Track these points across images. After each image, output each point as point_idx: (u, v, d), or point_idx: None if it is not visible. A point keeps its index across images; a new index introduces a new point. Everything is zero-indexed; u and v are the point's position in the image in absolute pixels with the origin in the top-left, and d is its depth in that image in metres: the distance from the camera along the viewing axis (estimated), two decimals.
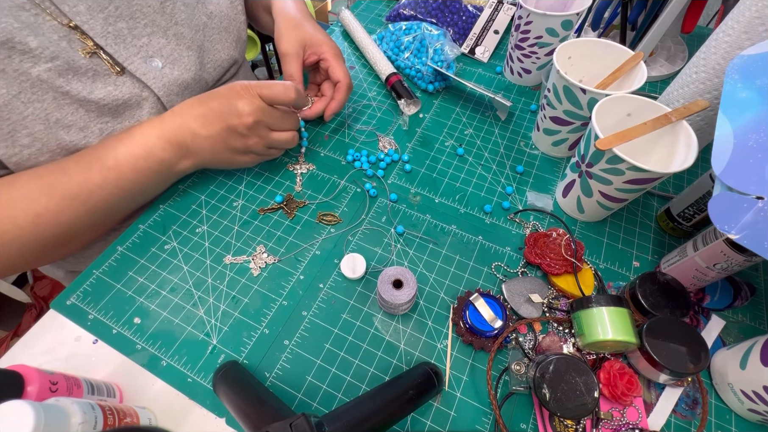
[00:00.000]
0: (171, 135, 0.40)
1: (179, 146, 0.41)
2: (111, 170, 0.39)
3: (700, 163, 0.53)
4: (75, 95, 0.38)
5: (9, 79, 0.35)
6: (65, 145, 0.39)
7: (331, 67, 0.51)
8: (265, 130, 0.44)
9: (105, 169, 0.38)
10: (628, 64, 0.46)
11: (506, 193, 0.50)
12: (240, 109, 0.41)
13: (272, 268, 0.44)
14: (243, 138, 0.43)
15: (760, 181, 0.28)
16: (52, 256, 0.41)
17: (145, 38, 0.43)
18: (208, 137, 0.41)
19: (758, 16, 0.38)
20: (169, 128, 0.40)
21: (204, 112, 0.41)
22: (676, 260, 0.41)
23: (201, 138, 0.41)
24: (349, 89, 0.52)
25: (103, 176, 0.38)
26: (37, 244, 0.37)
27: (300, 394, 0.37)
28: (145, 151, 0.40)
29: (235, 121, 0.41)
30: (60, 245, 0.40)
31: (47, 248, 0.39)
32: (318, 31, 0.53)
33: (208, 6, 0.50)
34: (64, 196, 0.37)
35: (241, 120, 0.41)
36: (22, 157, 0.38)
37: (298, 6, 0.55)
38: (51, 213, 0.37)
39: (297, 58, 0.50)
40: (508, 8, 0.70)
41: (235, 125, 0.41)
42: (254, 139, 0.43)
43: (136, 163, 0.40)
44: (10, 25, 0.34)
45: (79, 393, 0.32)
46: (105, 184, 0.39)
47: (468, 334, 0.39)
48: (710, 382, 0.38)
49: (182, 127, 0.41)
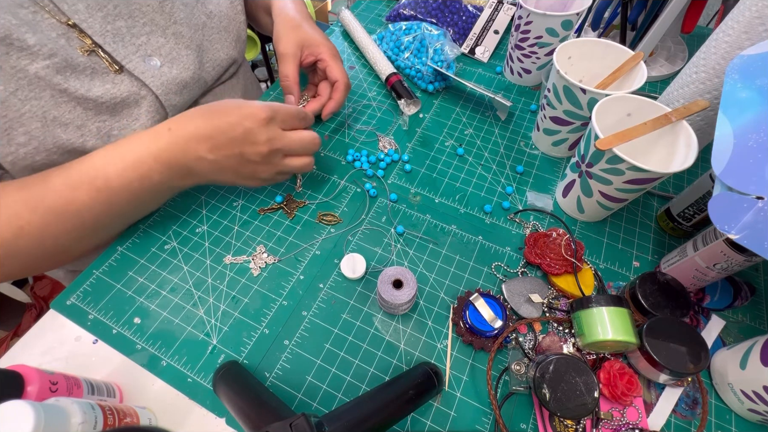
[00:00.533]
0: (171, 158, 0.38)
1: (179, 168, 0.38)
2: (101, 191, 0.37)
3: (700, 163, 0.53)
4: (73, 93, 0.38)
5: (6, 76, 0.35)
6: (62, 144, 0.39)
7: (328, 67, 0.51)
8: (279, 157, 0.42)
9: (94, 190, 0.36)
10: (628, 64, 0.46)
11: (506, 193, 0.50)
12: (255, 136, 0.38)
13: (272, 268, 0.44)
14: (254, 165, 0.40)
15: (760, 181, 0.28)
16: (40, 267, 0.40)
17: (144, 37, 0.43)
18: (214, 162, 0.39)
19: (758, 16, 0.38)
20: (168, 150, 0.37)
21: (211, 133, 0.38)
22: (676, 260, 0.40)
23: (206, 162, 0.39)
24: (346, 88, 0.52)
25: (91, 197, 0.36)
26: (19, 257, 0.36)
27: (300, 394, 0.37)
28: (140, 174, 0.37)
29: (249, 148, 0.39)
30: (45, 258, 0.38)
31: (30, 262, 0.37)
32: (316, 32, 0.53)
33: (207, 5, 0.50)
34: (48, 211, 0.35)
35: (255, 148, 0.39)
36: (18, 156, 0.37)
37: (297, 7, 0.55)
38: (35, 227, 0.35)
39: (294, 59, 0.50)
40: (508, 8, 0.70)
41: (248, 153, 0.39)
42: (266, 167, 0.41)
43: (129, 185, 0.37)
44: (8, 22, 0.34)
45: (79, 393, 0.32)
46: (94, 204, 0.37)
47: (468, 334, 0.39)
48: (710, 382, 0.38)
49: (185, 150, 0.38)
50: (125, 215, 0.41)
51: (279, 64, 0.51)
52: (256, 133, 0.39)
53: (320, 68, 0.53)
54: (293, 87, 0.49)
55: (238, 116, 0.38)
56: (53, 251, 0.38)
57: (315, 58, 0.52)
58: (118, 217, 0.41)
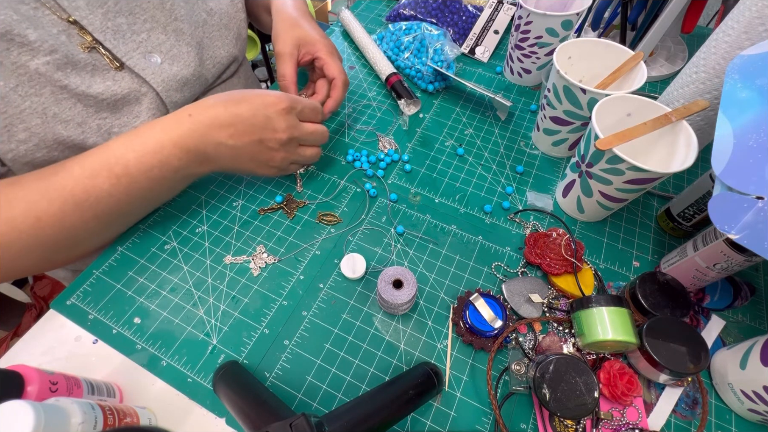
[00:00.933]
0: (190, 143, 0.38)
1: (198, 154, 0.39)
2: (120, 178, 0.37)
3: (700, 163, 0.53)
4: (73, 89, 0.38)
5: (6, 72, 0.35)
6: (62, 140, 0.39)
7: (326, 65, 0.51)
8: (295, 146, 0.43)
9: (114, 177, 0.37)
10: (628, 64, 0.46)
11: (506, 193, 0.50)
12: (275, 123, 0.40)
13: (272, 268, 0.44)
14: (271, 152, 0.42)
15: (760, 181, 0.28)
16: (55, 261, 0.39)
17: (145, 34, 0.43)
18: (234, 147, 0.40)
19: (758, 16, 0.38)
20: (189, 136, 0.38)
21: (232, 120, 0.39)
22: (676, 260, 0.40)
23: (226, 147, 0.39)
24: (345, 86, 0.51)
25: (111, 183, 0.37)
26: (38, 248, 0.36)
27: (300, 394, 0.37)
28: (160, 160, 0.38)
29: (269, 135, 0.40)
30: (63, 250, 0.38)
31: (49, 252, 0.37)
32: (313, 30, 0.52)
33: (208, 2, 0.50)
34: (67, 200, 0.36)
35: (275, 135, 0.40)
36: (18, 153, 0.37)
37: (296, 5, 0.55)
38: (53, 217, 0.35)
39: (291, 58, 0.49)
40: (508, 8, 0.70)
41: (268, 139, 0.40)
42: (282, 154, 0.42)
43: (149, 172, 0.38)
44: (9, 17, 0.34)
45: (79, 393, 0.32)
46: (114, 191, 0.37)
47: (468, 334, 0.39)
48: (710, 382, 0.38)
49: (204, 136, 0.38)
50: (142, 205, 0.42)
51: (277, 63, 0.50)
52: (276, 120, 0.40)
53: (317, 66, 0.52)
54: (290, 86, 0.49)
55: (259, 104, 0.39)
56: (72, 242, 0.38)
57: (312, 56, 0.52)
58: (137, 207, 0.41)
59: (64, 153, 0.40)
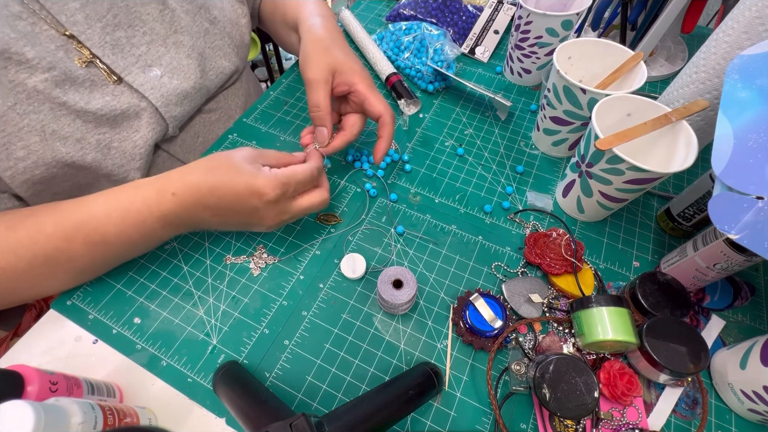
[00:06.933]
0: (174, 220, 0.37)
1: (181, 226, 0.38)
2: (97, 245, 0.36)
3: (700, 163, 0.53)
4: (72, 106, 0.38)
5: (4, 90, 0.34)
6: (61, 158, 0.38)
7: (366, 101, 0.44)
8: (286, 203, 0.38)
9: (90, 244, 0.36)
10: (628, 64, 0.46)
11: (506, 193, 0.50)
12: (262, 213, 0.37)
13: (272, 268, 0.44)
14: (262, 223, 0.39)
15: (760, 181, 0.28)
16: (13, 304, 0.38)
17: (144, 47, 0.43)
18: (220, 223, 0.39)
19: (758, 16, 0.38)
20: (172, 213, 0.36)
21: (217, 204, 0.36)
22: (676, 260, 0.40)
23: (211, 222, 0.38)
24: (393, 121, 0.45)
25: (88, 249, 0.36)
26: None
27: (300, 394, 0.37)
28: (141, 232, 0.37)
29: (255, 221, 0.38)
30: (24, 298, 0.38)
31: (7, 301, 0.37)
32: (349, 58, 0.46)
33: (211, 11, 0.49)
34: (36, 257, 0.35)
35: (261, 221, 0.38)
36: (17, 170, 0.37)
37: (328, 25, 0.49)
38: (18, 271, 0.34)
39: (325, 86, 0.43)
40: (508, 8, 0.70)
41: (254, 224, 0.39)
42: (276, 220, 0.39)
43: (128, 240, 0.37)
44: (6, 36, 0.33)
45: (79, 393, 0.32)
46: (89, 253, 0.36)
47: (468, 334, 0.39)
48: (710, 382, 0.38)
49: (190, 213, 0.37)
50: (121, 261, 0.41)
51: (308, 91, 0.44)
52: (263, 210, 0.37)
53: (354, 101, 0.46)
54: (326, 119, 0.43)
55: (245, 192, 0.35)
56: (36, 292, 0.38)
57: (348, 89, 0.45)
58: (113, 263, 0.40)
59: (63, 170, 0.39)
